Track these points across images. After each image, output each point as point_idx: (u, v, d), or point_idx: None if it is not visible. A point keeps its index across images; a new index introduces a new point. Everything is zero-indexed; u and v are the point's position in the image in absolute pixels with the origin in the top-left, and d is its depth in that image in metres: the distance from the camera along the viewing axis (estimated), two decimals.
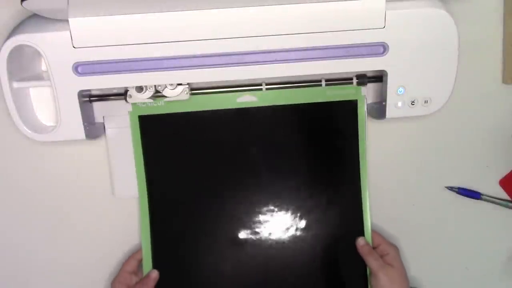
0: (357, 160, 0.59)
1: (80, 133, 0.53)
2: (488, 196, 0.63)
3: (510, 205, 0.63)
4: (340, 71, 0.53)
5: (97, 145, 0.59)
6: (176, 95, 0.55)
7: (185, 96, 0.55)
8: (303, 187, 0.60)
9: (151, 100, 0.55)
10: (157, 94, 0.55)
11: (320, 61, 0.52)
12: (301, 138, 0.59)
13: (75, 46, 0.50)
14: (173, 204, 0.60)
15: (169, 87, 0.54)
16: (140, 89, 0.54)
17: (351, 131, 0.59)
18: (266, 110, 0.58)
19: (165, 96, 0.55)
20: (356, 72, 0.57)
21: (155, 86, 0.54)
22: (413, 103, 0.54)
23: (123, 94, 0.55)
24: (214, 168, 0.59)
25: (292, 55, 0.51)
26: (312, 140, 0.60)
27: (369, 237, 0.61)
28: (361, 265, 0.60)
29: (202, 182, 0.60)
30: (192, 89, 0.56)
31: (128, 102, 0.55)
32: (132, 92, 0.54)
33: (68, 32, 0.49)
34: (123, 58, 0.50)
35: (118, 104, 0.57)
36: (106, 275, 0.63)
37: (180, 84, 0.54)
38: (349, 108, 0.58)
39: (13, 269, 0.63)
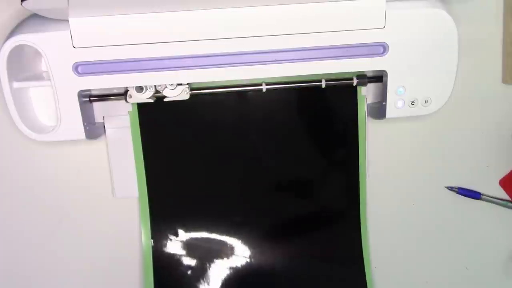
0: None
1: (80, 133, 0.53)
2: (488, 196, 0.63)
3: (510, 205, 0.63)
4: (340, 71, 0.53)
5: (97, 145, 0.59)
6: (176, 95, 0.55)
7: (185, 96, 0.55)
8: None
9: (151, 100, 0.54)
10: (157, 94, 0.55)
11: (320, 61, 0.52)
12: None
13: (75, 46, 0.50)
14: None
15: (169, 87, 0.54)
16: (140, 89, 0.54)
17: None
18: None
19: (165, 96, 0.55)
20: (356, 72, 0.57)
21: (155, 86, 0.54)
22: (413, 103, 0.54)
23: (123, 94, 0.55)
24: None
25: (292, 55, 0.51)
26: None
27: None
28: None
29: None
30: (192, 89, 0.56)
31: (128, 102, 0.55)
32: (132, 92, 0.54)
33: (68, 32, 0.49)
34: (123, 58, 0.50)
35: (118, 104, 0.57)
36: (105, 275, 0.63)
37: (180, 84, 0.54)
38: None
39: (13, 269, 0.63)
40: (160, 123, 0.58)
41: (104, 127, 0.58)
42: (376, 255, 0.64)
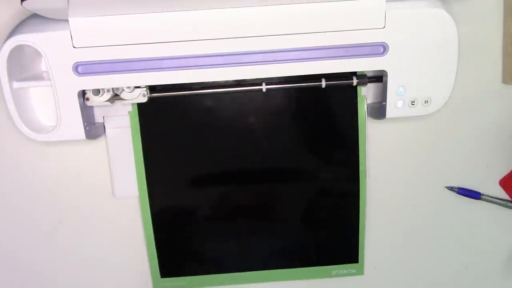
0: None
1: (80, 133, 0.53)
2: (488, 196, 0.63)
3: (510, 205, 0.63)
4: (340, 71, 0.53)
5: (97, 145, 0.59)
6: (134, 98, 0.54)
7: (143, 99, 0.54)
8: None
9: (109, 103, 0.54)
10: (116, 98, 0.54)
11: (320, 61, 0.52)
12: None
13: (75, 46, 0.50)
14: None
15: (126, 90, 0.53)
16: (97, 91, 0.53)
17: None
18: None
19: (123, 99, 0.54)
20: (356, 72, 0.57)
21: (112, 89, 0.53)
22: (413, 103, 0.54)
23: None
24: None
25: (292, 55, 0.51)
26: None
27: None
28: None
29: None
30: (152, 91, 0.55)
31: (86, 105, 0.54)
32: (89, 95, 0.53)
33: (68, 32, 0.49)
34: (123, 58, 0.50)
35: (118, 104, 0.57)
36: (106, 275, 0.63)
37: (138, 87, 0.54)
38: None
39: (13, 270, 0.63)
40: (160, 123, 0.58)
41: (104, 127, 0.58)
42: (376, 255, 0.64)
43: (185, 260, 0.62)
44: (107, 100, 0.53)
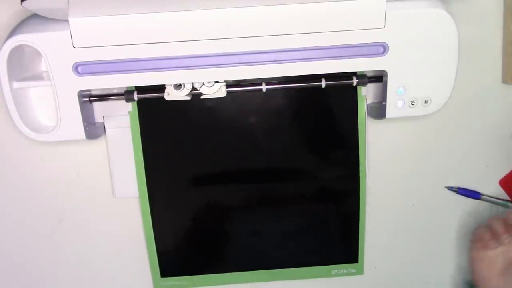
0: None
1: (80, 133, 0.53)
2: (488, 196, 0.63)
3: (510, 205, 0.63)
4: (340, 71, 0.53)
5: (97, 145, 0.59)
6: (213, 92, 0.54)
7: (222, 93, 0.55)
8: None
9: (188, 98, 0.54)
10: (194, 92, 0.54)
11: (320, 61, 0.52)
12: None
13: (75, 46, 0.50)
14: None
15: (206, 84, 0.54)
16: (177, 86, 0.53)
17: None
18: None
19: (202, 94, 0.54)
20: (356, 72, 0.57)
21: (192, 83, 0.54)
22: (413, 103, 0.54)
23: (123, 94, 0.55)
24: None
25: (292, 55, 0.51)
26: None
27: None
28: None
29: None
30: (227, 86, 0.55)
31: (166, 100, 0.54)
32: (170, 89, 0.54)
33: (68, 32, 0.49)
34: (123, 58, 0.50)
35: (118, 104, 0.57)
36: (106, 275, 0.63)
37: (217, 82, 0.54)
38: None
39: (13, 270, 0.63)
40: (160, 123, 0.58)
41: (104, 127, 0.58)
42: (376, 255, 0.64)
43: (185, 260, 0.62)
44: (186, 95, 0.54)
